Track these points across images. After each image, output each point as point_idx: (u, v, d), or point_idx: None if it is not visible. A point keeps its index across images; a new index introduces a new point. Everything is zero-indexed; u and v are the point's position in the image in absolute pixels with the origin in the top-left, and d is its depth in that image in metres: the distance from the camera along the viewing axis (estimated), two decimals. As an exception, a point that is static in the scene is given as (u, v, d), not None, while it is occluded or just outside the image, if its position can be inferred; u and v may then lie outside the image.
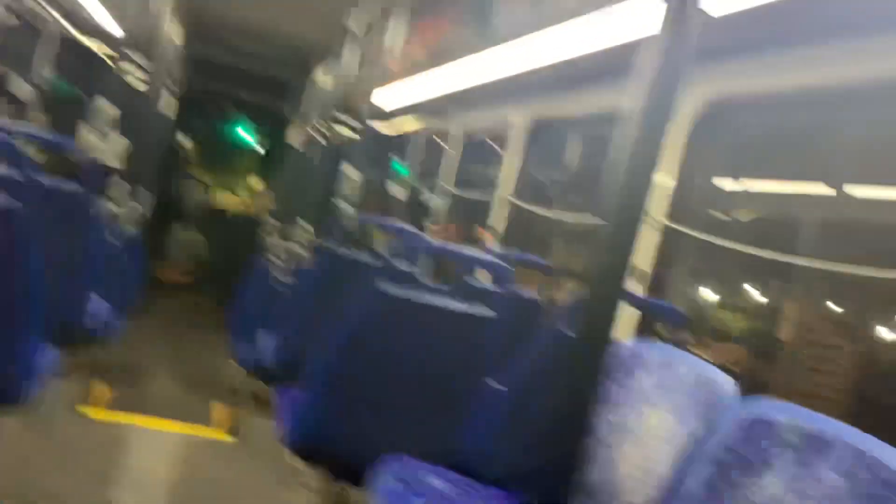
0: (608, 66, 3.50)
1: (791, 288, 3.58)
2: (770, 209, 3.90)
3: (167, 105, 6.66)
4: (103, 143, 3.11)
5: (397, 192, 6.92)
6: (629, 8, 2.88)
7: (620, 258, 1.50)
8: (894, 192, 3.05)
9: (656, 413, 2.15)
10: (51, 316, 2.45)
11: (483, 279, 4.13)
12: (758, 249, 2.82)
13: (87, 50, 6.57)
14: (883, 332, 3.39)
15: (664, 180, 3.19)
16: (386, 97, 6.50)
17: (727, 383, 1.97)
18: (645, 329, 3.06)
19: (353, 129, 3.32)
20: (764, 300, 4.01)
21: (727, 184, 3.93)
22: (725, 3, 2.41)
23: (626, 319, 3.04)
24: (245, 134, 11.17)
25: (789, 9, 2.42)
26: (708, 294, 4.10)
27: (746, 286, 4.02)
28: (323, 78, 6.55)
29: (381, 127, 7.21)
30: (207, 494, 3.61)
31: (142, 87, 5.12)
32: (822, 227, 3.26)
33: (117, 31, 6.24)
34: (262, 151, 11.43)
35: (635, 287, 3.06)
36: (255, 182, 11.28)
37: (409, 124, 6.91)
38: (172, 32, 6.17)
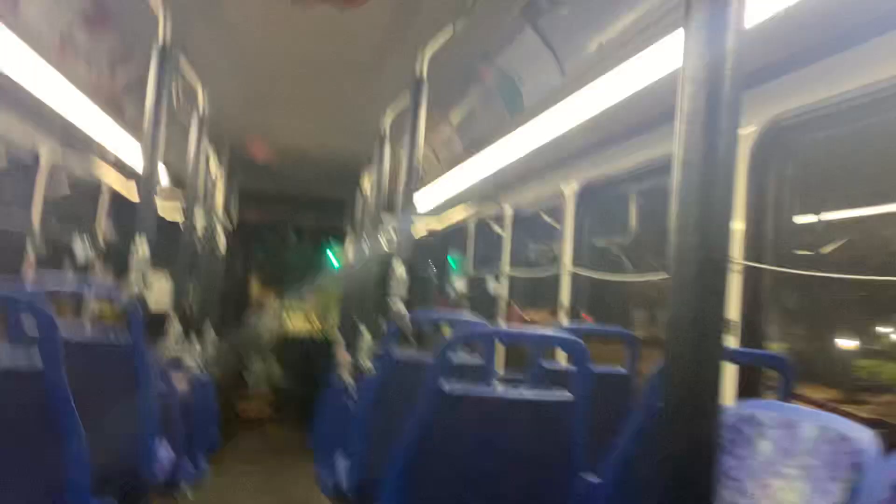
0: (652, 110, 3.31)
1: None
2: (860, 234, 3.50)
3: (223, 241, 6.78)
4: (149, 289, 3.04)
5: (457, 283, 6.76)
6: (660, 46, 2.70)
7: (711, 312, 1.25)
8: None
9: (785, 484, 1.81)
10: (110, 471, 2.31)
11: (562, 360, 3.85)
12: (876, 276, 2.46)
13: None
14: None
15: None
16: (431, 192, 6.46)
17: (866, 438, 1.63)
18: (748, 388, 2.71)
19: (400, 230, 3.19)
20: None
21: (804, 217, 3.57)
22: (756, 13, 2.20)
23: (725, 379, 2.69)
24: (319, 254, 11.29)
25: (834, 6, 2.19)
26: (842, 341, 3.59)
27: (879, 328, 3.50)
28: (367, 186, 6.57)
29: (431, 222, 7.15)
30: None
31: (195, 228, 5.19)
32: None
33: (164, 178, 6.45)
34: (325, 270, 11.53)
35: (731, 341, 2.74)
36: (322, 301, 11.32)
37: (458, 214, 6.81)
38: (217, 170, 6.34)
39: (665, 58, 2.71)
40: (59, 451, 2.08)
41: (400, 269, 3.17)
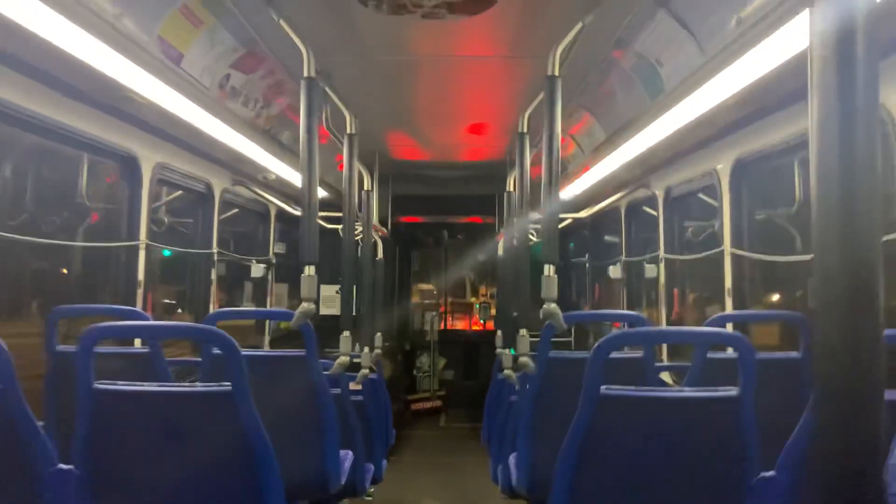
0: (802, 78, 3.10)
1: None
2: None
3: (381, 246, 7.08)
4: (320, 304, 3.26)
5: (611, 270, 6.65)
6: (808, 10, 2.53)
7: (865, 292, 1.18)
8: None
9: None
10: (297, 481, 2.51)
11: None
12: None
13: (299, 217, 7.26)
14: None
15: None
16: (576, 181, 6.39)
17: None
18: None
19: (545, 225, 3.20)
20: None
21: None
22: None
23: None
24: (473, 252, 11.51)
25: None
26: None
27: None
28: (512, 183, 6.61)
29: (579, 209, 7.07)
30: None
31: (355, 238, 5.49)
32: None
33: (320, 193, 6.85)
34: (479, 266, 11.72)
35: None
36: (484, 298, 11.52)
37: (606, 199, 6.68)
38: (370, 181, 6.63)
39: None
40: (252, 468, 2.29)
41: (549, 268, 3.17)
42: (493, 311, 10.57)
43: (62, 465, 2.30)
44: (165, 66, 3.46)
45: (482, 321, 10.99)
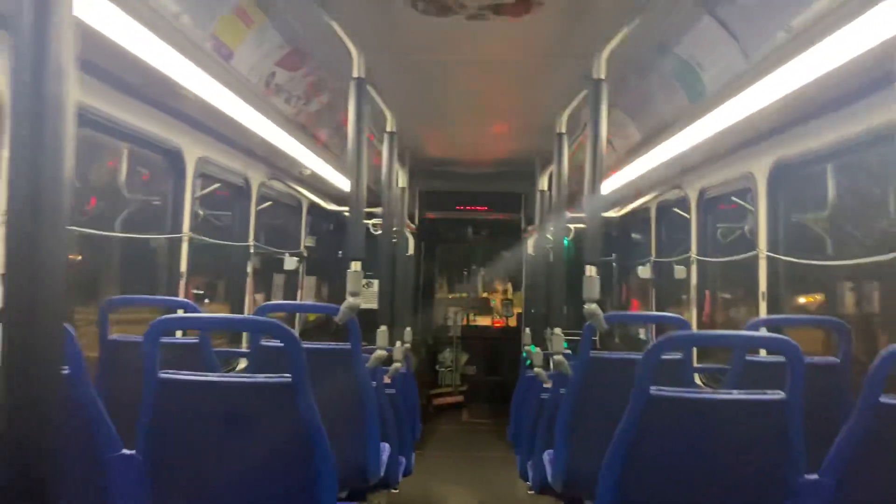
0: (849, 85, 3.13)
1: None
2: None
3: (412, 242, 7.17)
4: (354, 296, 3.32)
5: (642, 272, 6.67)
6: (858, 24, 2.56)
7: None
8: None
9: None
10: (340, 469, 2.58)
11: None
12: None
13: (329, 212, 7.37)
14: None
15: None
16: (608, 181, 6.41)
17: None
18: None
19: (586, 228, 3.25)
20: None
21: None
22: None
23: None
24: (498, 248, 11.56)
25: None
26: None
27: None
28: (544, 182, 6.65)
29: (613, 213, 7.09)
30: None
31: (392, 234, 5.56)
32: None
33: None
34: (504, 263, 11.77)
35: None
36: (506, 295, 11.57)
37: (637, 199, 6.71)
38: (404, 177, 6.71)
39: (866, 33, 2.57)
40: (308, 459, 2.36)
41: (591, 269, 3.22)
42: (516, 309, 10.62)
43: (125, 451, 2.39)
44: (216, 64, 3.53)
45: (504, 317, 11.05)
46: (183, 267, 4.47)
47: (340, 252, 8.89)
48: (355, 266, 3.15)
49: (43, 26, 0.98)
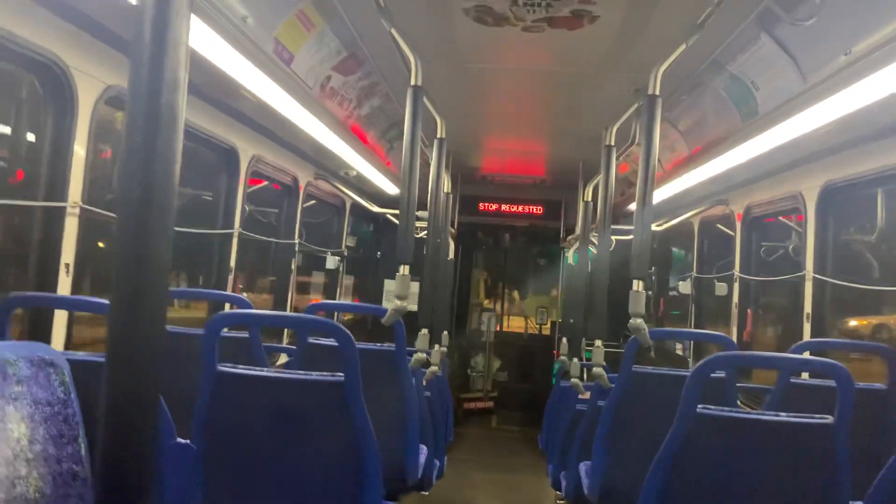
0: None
1: None
2: None
3: (452, 247, 7.21)
4: (401, 299, 3.37)
5: (682, 287, 6.63)
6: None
7: None
8: None
9: None
10: (386, 472, 2.63)
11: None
12: None
13: (369, 213, 7.46)
14: None
15: None
16: (655, 197, 6.39)
17: None
18: None
19: (635, 242, 3.23)
20: None
21: None
22: None
23: None
24: (533, 256, 11.57)
25: None
26: None
27: None
28: (588, 192, 6.65)
29: (654, 227, 7.06)
30: None
31: (437, 239, 5.61)
32: None
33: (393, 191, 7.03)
34: (538, 271, 11.77)
35: None
36: (537, 301, 11.55)
37: (680, 214, 6.67)
38: (448, 182, 6.76)
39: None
40: (356, 458, 2.42)
41: (638, 283, 3.22)
42: (550, 318, 10.60)
43: (180, 440, 2.47)
44: (277, 66, 3.63)
45: (538, 325, 11.04)
46: (232, 262, 4.58)
47: (379, 252, 8.98)
48: (404, 270, 3.19)
49: (160, 44, 1.05)
